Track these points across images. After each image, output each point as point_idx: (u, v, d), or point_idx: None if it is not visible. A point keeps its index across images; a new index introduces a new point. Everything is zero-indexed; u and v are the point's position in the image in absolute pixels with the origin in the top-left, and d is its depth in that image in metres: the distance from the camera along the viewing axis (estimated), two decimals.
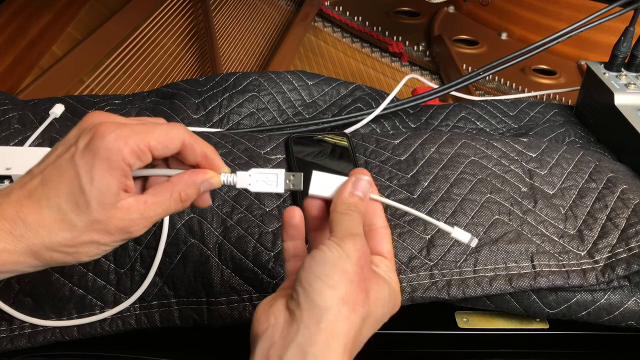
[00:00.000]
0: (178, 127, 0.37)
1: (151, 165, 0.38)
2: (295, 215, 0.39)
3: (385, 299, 0.35)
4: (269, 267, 0.51)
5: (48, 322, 0.50)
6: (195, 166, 0.38)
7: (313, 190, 0.39)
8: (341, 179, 0.39)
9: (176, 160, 0.39)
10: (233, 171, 0.40)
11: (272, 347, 0.32)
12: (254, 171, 0.40)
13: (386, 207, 0.55)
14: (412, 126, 0.77)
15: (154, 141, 0.35)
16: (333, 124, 0.73)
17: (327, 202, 0.39)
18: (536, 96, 0.91)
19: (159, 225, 0.52)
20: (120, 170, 0.34)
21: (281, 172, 0.40)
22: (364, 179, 0.38)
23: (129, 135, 0.34)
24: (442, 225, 0.40)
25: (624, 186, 0.59)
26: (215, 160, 0.38)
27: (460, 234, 0.40)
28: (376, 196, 0.39)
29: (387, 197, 0.56)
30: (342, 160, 0.62)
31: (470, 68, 1.01)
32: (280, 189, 0.40)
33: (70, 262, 0.36)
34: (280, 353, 0.32)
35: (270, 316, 0.33)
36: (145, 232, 0.38)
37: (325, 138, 0.65)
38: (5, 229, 0.34)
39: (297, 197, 0.56)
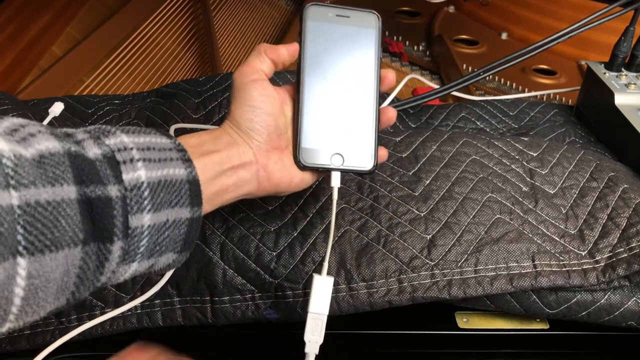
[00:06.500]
0: None
1: None
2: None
3: None
4: (271, 267, 0.51)
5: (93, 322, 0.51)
6: None
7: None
8: None
9: None
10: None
11: None
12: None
13: (388, 204, 0.55)
14: (412, 126, 0.77)
15: None
16: None
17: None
18: (536, 96, 0.91)
19: None
20: None
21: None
22: None
23: None
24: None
25: (625, 185, 0.59)
26: None
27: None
28: None
29: (389, 192, 0.56)
30: (361, 51, 0.48)
31: (470, 68, 1.01)
32: None
33: None
34: None
35: None
36: None
37: (349, 16, 0.48)
38: None
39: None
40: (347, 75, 0.47)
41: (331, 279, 0.45)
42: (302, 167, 0.46)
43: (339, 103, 0.46)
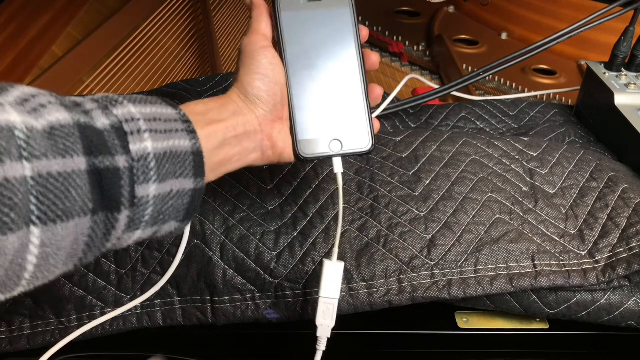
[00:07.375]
0: None
1: None
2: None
3: None
4: (271, 267, 0.51)
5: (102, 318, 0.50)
6: None
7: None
8: None
9: None
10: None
11: None
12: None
13: (388, 204, 0.55)
14: (412, 126, 0.77)
15: None
16: None
17: None
18: (536, 96, 0.91)
19: None
20: None
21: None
22: None
23: None
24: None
25: (625, 185, 0.59)
26: None
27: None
28: None
29: (389, 192, 0.56)
30: (340, 33, 0.48)
31: (470, 68, 1.01)
32: None
33: None
34: None
35: None
36: None
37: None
38: None
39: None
40: (330, 60, 0.47)
41: (341, 264, 0.46)
42: (303, 160, 0.45)
43: (327, 89, 0.46)
